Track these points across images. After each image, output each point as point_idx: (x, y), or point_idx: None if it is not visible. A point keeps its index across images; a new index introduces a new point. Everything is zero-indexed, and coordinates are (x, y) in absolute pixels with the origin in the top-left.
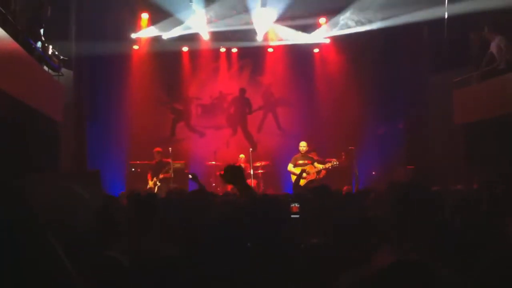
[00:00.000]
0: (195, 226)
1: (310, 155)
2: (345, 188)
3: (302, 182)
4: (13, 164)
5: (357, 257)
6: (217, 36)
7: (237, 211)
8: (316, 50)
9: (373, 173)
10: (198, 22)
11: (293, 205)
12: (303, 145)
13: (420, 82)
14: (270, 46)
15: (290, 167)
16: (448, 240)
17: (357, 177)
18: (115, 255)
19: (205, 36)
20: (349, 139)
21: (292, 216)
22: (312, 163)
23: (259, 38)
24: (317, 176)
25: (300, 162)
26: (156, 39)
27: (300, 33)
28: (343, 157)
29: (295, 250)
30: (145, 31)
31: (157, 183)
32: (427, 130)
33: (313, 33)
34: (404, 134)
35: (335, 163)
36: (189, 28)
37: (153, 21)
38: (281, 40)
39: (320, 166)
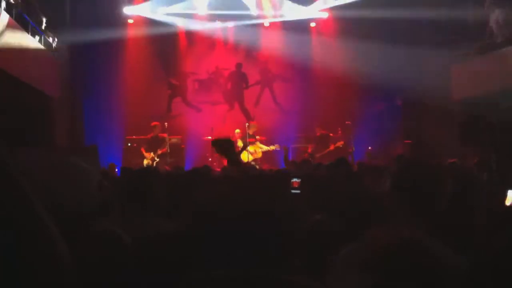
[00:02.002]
0: (192, 202)
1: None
2: None
3: (247, 157)
4: (7, 140)
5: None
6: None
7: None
8: (312, 24)
9: (369, 148)
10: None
11: (293, 180)
12: (252, 126)
13: (419, 56)
14: (266, 17)
15: (240, 143)
16: (449, 218)
17: (353, 152)
18: (113, 229)
19: (203, 11)
20: (346, 115)
21: (293, 191)
22: (255, 143)
23: (253, 10)
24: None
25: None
26: (152, 13)
27: (296, 5)
28: (339, 132)
29: (296, 227)
30: (140, 7)
31: (155, 158)
32: (424, 105)
33: (310, 6)
34: (401, 109)
35: (277, 148)
36: (186, 8)
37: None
38: (276, 11)
39: (264, 147)
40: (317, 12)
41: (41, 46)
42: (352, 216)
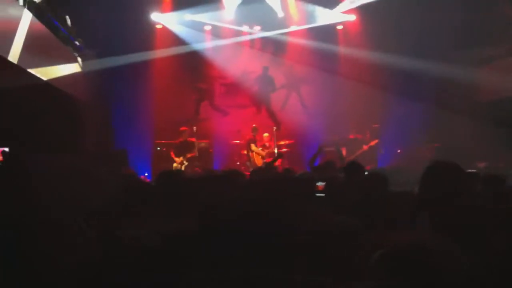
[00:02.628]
0: (217, 204)
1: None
2: (368, 167)
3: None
4: (36, 144)
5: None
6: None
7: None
8: (340, 27)
9: (398, 151)
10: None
11: (318, 183)
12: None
13: (446, 58)
14: (293, 23)
15: (254, 147)
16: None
17: (382, 154)
18: (133, 234)
19: (230, 17)
20: (374, 117)
21: (318, 194)
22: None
23: (280, 15)
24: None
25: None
26: (179, 18)
27: (323, 9)
28: (368, 135)
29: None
30: (167, 15)
31: (184, 162)
32: (452, 108)
33: (336, 8)
34: (429, 112)
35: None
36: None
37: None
38: (303, 17)
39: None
40: (344, 15)
41: (70, 51)
42: (367, 219)
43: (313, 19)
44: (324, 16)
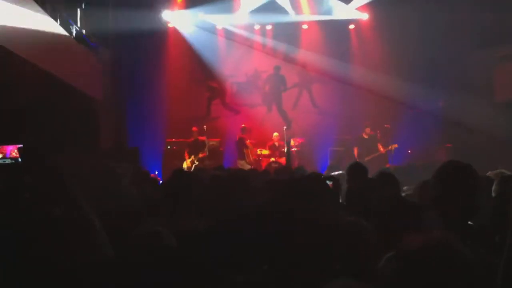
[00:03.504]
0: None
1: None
2: (388, 166)
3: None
4: (53, 141)
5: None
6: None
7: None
8: (351, 26)
9: (409, 151)
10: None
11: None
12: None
13: (461, 58)
14: (305, 23)
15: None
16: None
17: (393, 155)
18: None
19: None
20: (385, 117)
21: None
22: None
23: (291, 11)
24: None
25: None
26: (191, 17)
27: (336, 1)
28: (378, 135)
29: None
30: (179, 13)
31: (195, 162)
32: (467, 108)
33: (350, 4)
34: (443, 112)
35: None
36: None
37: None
38: (314, 13)
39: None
40: (356, 12)
41: (85, 49)
42: (376, 219)
43: (326, 12)
44: (337, 9)
